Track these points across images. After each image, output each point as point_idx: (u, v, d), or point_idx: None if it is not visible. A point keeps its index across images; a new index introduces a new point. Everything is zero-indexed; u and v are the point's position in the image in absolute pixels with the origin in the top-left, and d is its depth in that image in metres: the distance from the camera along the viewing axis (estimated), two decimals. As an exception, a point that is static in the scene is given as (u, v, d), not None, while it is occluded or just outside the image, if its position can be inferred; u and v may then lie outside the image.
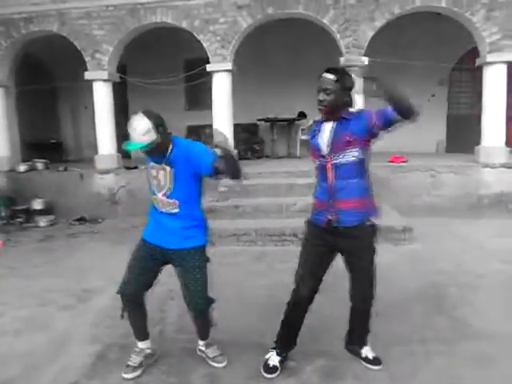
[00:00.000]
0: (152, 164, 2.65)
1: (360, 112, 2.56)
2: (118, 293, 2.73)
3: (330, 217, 2.57)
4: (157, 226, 2.71)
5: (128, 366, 2.78)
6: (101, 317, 3.69)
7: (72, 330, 3.48)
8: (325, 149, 2.56)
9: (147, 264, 2.70)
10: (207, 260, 2.77)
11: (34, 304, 4.03)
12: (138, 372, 2.77)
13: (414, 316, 3.53)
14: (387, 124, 2.43)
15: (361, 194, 2.58)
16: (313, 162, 2.73)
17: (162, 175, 2.60)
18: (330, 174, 2.55)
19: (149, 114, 2.48)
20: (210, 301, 2.79)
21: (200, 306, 2.72)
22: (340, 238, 2.60)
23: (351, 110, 2.56)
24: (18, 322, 3.66)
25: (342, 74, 2.52)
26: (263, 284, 4.30)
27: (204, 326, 2.88)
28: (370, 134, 2.50)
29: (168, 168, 2.57)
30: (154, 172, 2.64)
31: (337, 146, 2.51)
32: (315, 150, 2.63)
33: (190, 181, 2.61)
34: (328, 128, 2.57)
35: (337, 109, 2.51)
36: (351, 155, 2.51)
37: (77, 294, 4.24)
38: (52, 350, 3.16)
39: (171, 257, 2.68)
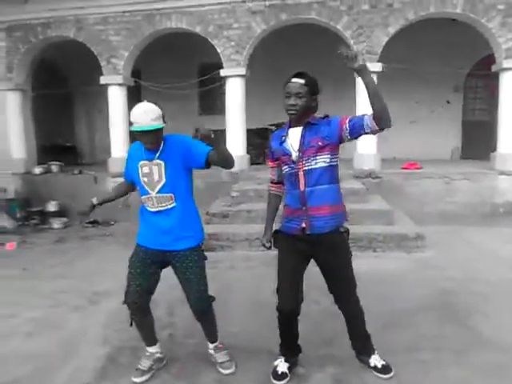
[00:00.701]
0: (142, 162, 2.63)
1: (327, 118, 2.56)
2: (124, 303, 2.72)
3: (303, 224, 2.53)
4: (151, 229, 2.68)
5: (138, 369, 2.79)
6: (111, 319, 3.71)
7: (83, 331, 3.51)
8: (294, 155, 2.52)
9: (146, 269, 2.68)
10: (204, 258, 2.77)
11: (46, 305, 4.08)
12: (148, 376, 2.78)
13: (426, 324, 3.49)
14: (355, 129, 2.40)
15: (333, 199, 2.55)
16: (275, 169, 2.72)
17: (156, 170, 2.59)
18: (302, 181, 2.51)
19: (154, 104, 2.54)
20: (211, 299, 2.79)
21: (199, 304, 2.73)
22: (314, 245, 2.56)
23: (316, 115, 2.57)
24: (30, 322, 3.70)
25: (310, 79, 2.51)
26: (274, 289, 4.27)
27: (208, 325, 2.88)
28: (340, 139, 2.47)
29: (162, 162, 2.59)
30: (146, 169, 2.62)
31: (308, 151, 2.48)
32: (283, 156, 2.58)
33: (182, 173, 2.65)
34: (296, 133, 2.54)
35: (307, 113, 2.50)
36: (322, 160, 2.48)
37: (88, 296, 4.27)
38: (63, 351, 3.18)
39: (168, 258, 2.68)
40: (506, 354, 2.99)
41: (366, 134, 2.40)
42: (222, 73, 7.96)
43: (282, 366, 2.76)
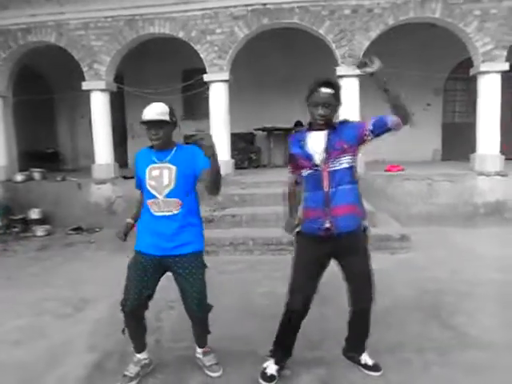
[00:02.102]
0: (153, 165, 2.64)
1: (348, 122, 2.64)
2: (122, 310, 2.69)
3: (327, 225, 2.55)
4: (153, 234, 2.66)
5: (125, 375, 2.78)
6: (97, 326, 3.68)
7: (69, 339, 3.47)
8: (318, 157, 2.55)
9: (148, 276, 2.67)
10: (205, 266, 2.77)
11: (30, 313, 4.03)
12: (135, 382, 2.77)
13: (411, 324, 3.54)
14: (379, 129, 2.52)
15: (354, 199, 2.61)
16: (294, 173, 2.75)
17: (167, 174, 2.60)
18: (326, 182, 2.54)
19: (165, 103, 2.64)
20: (209, 307, 2.79)
21: (198, 312, 2.73)
22: (338, 244, 2.59)
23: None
24: (15, 331, 3.65)
25: (337, 87, 2.54)
26: (260, 293, 4.31)
27: (202, 332, 2.89)
28: (361, 142, 2.57)
29: (173, 167, 2.60)
30: (155, 172, 2.62)
31: (333, 153, 2.52)
32: (304, 160, 2.60)
33: (190, 180, 2.67)
34: (319, 137, 2.57)
35: (331, 121, 2.57)
36: (345, 162, 2.54)
37: (73, 304, 4.23)
38: (49, 359, 3.15)
39: (169, 264, 2.67)
40: (489, 352, 3.06)
41: (389, 130, 2.54)
42: (206, 78, 7.97)
43: (270, 367, 2.78)
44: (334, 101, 2.51)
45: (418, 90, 10.07)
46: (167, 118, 2.59)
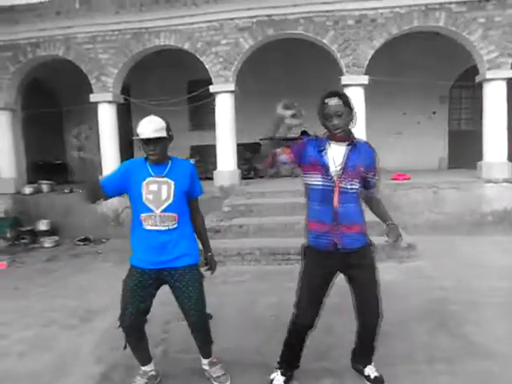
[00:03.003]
0: (150, 179, 2.62)
1: (368, 145, 2.63)
2: (120, 326, 2.67)
3: (335, 240, 2.53)
4: (147, 249, 2.63)
5: None
6: (104, 337, 3.69)
7: (76, 350, 3.48)
8: (334, 171, 2.51)
9: (144, 291, 2.65)
10: (202, 276, 2.77)
11: (38, 324, 4.05)
12: None
13: (418, 334, 3.52)
14: (363, 183, 2.61)
15: (361, 219, 2.61)
16: (306, 178, 2.62)
17: (165, 189, 2.61)
18: (336, 198, 2.51)
19: (161, 117, 2.64)
20: (208, 317, 2.79)
21: (198, 322, 2.72)
22: (344, 260, 2.57)
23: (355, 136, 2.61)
24: (22, 342, 3.67)
25: (345, 96, 2.53)
26: (267, 303, 4.29)
27: (204, 343, 2.88)
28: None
29: (172, 182, 2.62)
30: (153, 187, 2.60)
31: (349, 173, 2.51)
32: (319, 165, 2.53)
33: (185, 195, 2.70)
34: (340, 151, 2.54)
35: (348, 132, 2.54)
36: (356, 184, 2.55)
37: (80, 315, 4.25)
38: (56, 370, 3.16)
39: (165, 277, 2.66)
40: (498, 361, 3.03)
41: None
42: (211, 89, 8.03)
43: (278, 379, 2.77)
44: (345, 109, 2.48)
45: (423, 98, 10.11)
46: (164, 134, 2.59)
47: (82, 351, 3.46)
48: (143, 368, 2.86)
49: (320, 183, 2.55)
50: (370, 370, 2.81)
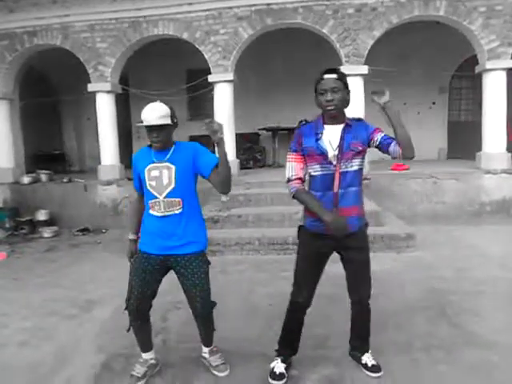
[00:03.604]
0: (152, 165, 2.63)
1: (362, 121, 2.60)
2: (126, 309, 2.71)
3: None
4: (155, 235, 2.66)
5: (132, 376, 2.80)
6: (104, 327, 3.71)
7: (76, 340, 3.50)
8: (332, 154, 2.49)
9: (151, 276, 2.67)
10: (208, 263, 2.77)
11: (38, 314, 4.06)
12: (142, 382, 2.78)
13: (417, 323, 3.54)
14: (382, 146, 2.53)
15: (360, 201, 2.62)
16: (300, 164, 2.56)
17: (166, 174, 2.60)
18: (337, 182, 2.50)
19: (165, 103, 2.60)
20: (212, 304, 2.80)
21: (202, 310, 2.73)
22: (341, 241, 2.58)
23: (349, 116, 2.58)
24: (22, 332, 3.68)
25: (341, 73, 2.50)
26: (266, 293, 4.31)
27: (207, 331, 2.89)
28: (368, 145, 2.58)
29: (172, 166, 2.60)
30: (155, 173, 2.61)
31: (347, 154, 2.48)
32: (318, 155, 2.50)
33: (191, 179, 2.67)
34: (334, 132, 2.51)
35: (344, 108, 2.50)
36: (356, 164, 2.53)
37: (80, 305, 4.26)
38: (57, 360, 3.17)
39: (172, 263, 2.68)
40: (496, 351, 3.04)
41: (386, 153, 2.54)
42: (210, 78, 7.99)
43: (279, 366, 2.79)
44: (341, 85, 2.44)
45: (423, 88, 10.08)
46: (169, 121, 2.57)
47: (82, 341, 3.47)
48: (144, 355, 2.87)
49: (319, 171, 2.54)
50: (368, 358, 2.83)
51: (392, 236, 5.66)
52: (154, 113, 2.53)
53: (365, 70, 7.53)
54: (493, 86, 7.45)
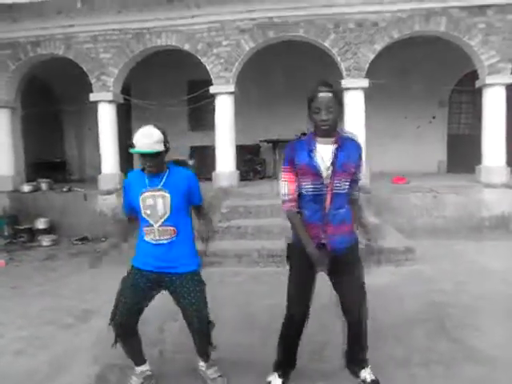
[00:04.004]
0: (146, 193, 2.60)
1: (354, 140, 2.55)
2: (110, 324, 2.68)
3: (324, 242, 2.50)
4: (149, 257, 2.65)
5: None
6: (101, 337, 3.67)
7: (72, 350, 3.47)
8: (325, 174, 2.44)
9: (142, 292, 2.65)
10: (203, 284, 2.75)
11: (35, 323, 4.04)
12: None
13: (416, 337, 3.51)
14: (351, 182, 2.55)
15: (349, 220, 2.59)
16: (293, 184, 2.51)
17: (161, 203, 2.58)
18: (328, 203, 2.46)
19: (158, 128, 2.58)
20: (211, 325, 2.77)
21: (200, 329, 2.71)
22: (331, 259, 2.51)
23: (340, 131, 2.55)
24: (19, 341, 3.66)
25: (336, 89, 2.47)
26: (265, 305, 4.28)
27: (204, 348, 2.86)
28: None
29: (167, 195, 2.58)
30: (150, 201, 2.58)
31: (340, 174, 2.44)
32: (311, 172, 2.44)
33: (185, 206, 2.68)
34: (326, 150, 2.46)
35: (335, 126, 2.46)
36: (347, 185, 2.50)
37: (77, 314, 4.24)
38: (52, 370, 3.15)
39: (167, 284, 2.67)
40: (496, 367, 3.02)
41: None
42: (212, 90, 8.04)
43: (275, 381, 2.76)
44: (336, 103, 2.40)
45: (423, 102, 10.14)
46: (161, 148, 2.53)
47: (79, 351, 3.45)
48: (137, 369, 2.84)
49: (311, 191, 2.48)
50: (367, 373, 2.80)
51: (391, 249, 5.64)
52: (147, 139, 2.48)
53: (365, 83, 7.59)
54: (492, 101, 7.50)
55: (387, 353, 3.22)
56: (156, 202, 2.58)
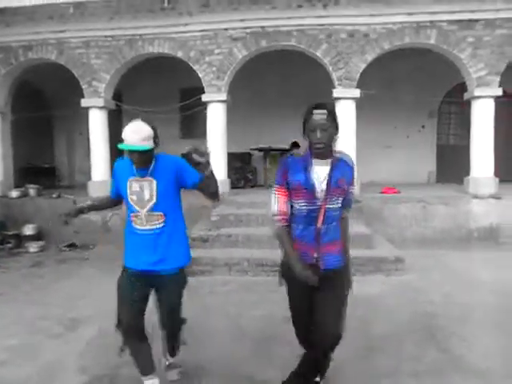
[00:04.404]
0: (132, 179, 2.59)
1: (347, 161, 2.53)
2: (117, 330, 2.64)
3: (314, 260, 2.47)
4: (137, 249, 2.62)
5: None
6: (89, 347, 3.64)
7: (60, 360, 3.42)
8: (319, 192, 2.42)
9: (135, 291, 2.63)
10: (185, 282, 2.77)
11: (22, 332, 3.97)
12: None
13: (405, 347, 3.52)
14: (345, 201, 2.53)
15: (339, 236, 2.56)
16: (284, 199, 2.49)
17: (148, 189, 2.56)
18: (321, 218, 2.43)
19: (148, 123, 2.54)
20: (181, 321, 2.81)
21: (168, 323, 2.74)
22: (321, 278, 2.42)
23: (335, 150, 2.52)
24: (5, 351, 3.59)
25: (331, 109, 2.46)
26: (255, 315, 4.26)
27: (173, 344, 2.89)
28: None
29: (154, 180, 2.56)
30: (136, 187, 2.58)
31: (333, 191, 2.42)
32: (305, 190, 2.42)
33: (173, 193, 2.65)
34: (323, 170, 2.45)
35: (330, 146, 2.45)
36: (339, 201, 2.48)
37: (65, 323, 4.18)
38: (40, 380, 3.10)
39: (154, 280, 2.66)
40: (483, 377, 3.04)
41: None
42: (204, 98, 8.05)
43: None
44: (331, 124, 2.39)
45: (413, 112, 10.25)
46: (151, 145, 2.50)
47: (66, 361, 3.39)
48: (144, 380, 2.70)
49: (304, 207, 2.46)
50: None
51: (381, 259, 5.67)
52: (136, 135, 2.44)
53: (357, 93, 7.66)
54: (481, 113, 7.60)
55: (376, 363, 3.23)
56: (142, 188, 2.57)
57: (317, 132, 2.37)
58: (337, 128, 2.45)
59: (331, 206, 2.44)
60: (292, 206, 2.51)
